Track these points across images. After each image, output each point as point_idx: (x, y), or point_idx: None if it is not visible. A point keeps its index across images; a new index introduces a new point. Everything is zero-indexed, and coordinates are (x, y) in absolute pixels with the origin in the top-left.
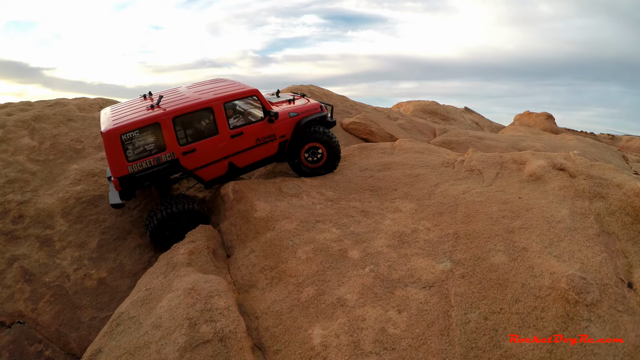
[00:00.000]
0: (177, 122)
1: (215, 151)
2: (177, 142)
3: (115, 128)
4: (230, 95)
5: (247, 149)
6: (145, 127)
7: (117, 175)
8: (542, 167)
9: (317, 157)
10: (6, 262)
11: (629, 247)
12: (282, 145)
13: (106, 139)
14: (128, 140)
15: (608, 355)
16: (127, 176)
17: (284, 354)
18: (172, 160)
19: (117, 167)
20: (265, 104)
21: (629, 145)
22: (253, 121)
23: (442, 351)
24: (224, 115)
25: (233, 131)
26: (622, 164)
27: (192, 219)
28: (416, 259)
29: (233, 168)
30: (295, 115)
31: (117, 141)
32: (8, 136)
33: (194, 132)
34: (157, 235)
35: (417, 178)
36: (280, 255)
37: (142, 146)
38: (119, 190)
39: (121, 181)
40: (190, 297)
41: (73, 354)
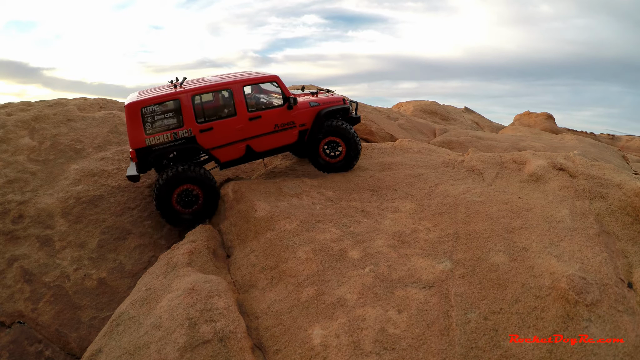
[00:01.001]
0: (196, 100)
1: (232, 132)
2: (195, 119)
3: (136, 101)
4: (250, 79)
5: (265, 133)
6: (165, 102)
7: (135, 147)
8: (542, 167)
9: (337, 152)
10: (6, 262)
11: (629, 247)
12: (302, 134)
13: (127, 111)
14: (148, 114)
15: (608, 355)
16: (144, 148)
17: (284, 354)
18: (188, 137)
19: (135, 139)
20: (285, 90)
21: (629, 145)
22: (271, 106)
23: (442, 351)
24: (242, 97)
25: (251, 114)
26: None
27: (199, 187)
28: (416, 259)
29: (250, 152)
30: (316, 105)
31: (138, 114)
32: (8, 136)
33: (213, 112)
34: (163, 204)
35: (417, 178)
36: (280, 255)
37: (161, 120)
38: (136, 162)
39: (138, 153)
40: (190, 297)
41: (73, 354)
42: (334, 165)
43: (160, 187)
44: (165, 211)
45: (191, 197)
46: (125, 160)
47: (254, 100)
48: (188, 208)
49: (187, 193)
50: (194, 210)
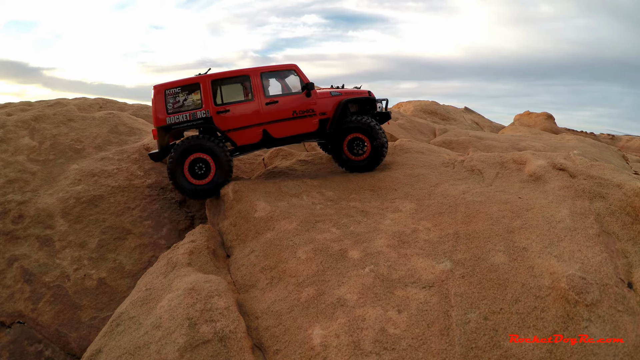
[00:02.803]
0: (215, 84)
1: (249, 116)
2: (213, 102)
3: (162, 84)
4: (268, 67)
5: (283, 119)
6: (186, 85)
7: (156, 125)
8: (542, 167)
9: (362, 150)
10: (6, 262)
11: (629, 247)
12: (322, 123)
13: (154, 92)
14: (171, 95)
15: (608, 355)
16: (165, 127)
17: (284, 354)
18: (206, 117)
19: (158, 118)
20: (303, 77)
21: (629, 145)
22: (289, 93)
23: (442, 351)
24: (260, 84)
25: (268, 99)
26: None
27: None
28: (416, 259)
29: (267, 137)
30: (338, 95)
31: (162, 95)
32: (8, 136)
33: (231, 96)
34: (175, 175)
35: (417, 178)
36: (280, 255)
37: (182, 102)
38: (157, 140)
39: (159, 130)
40: (190, 297)
41: (73, 354)
42: (356, 164)
43: (173, 156)
44: (178, 182)
45: (203, 168)
46: (125, 160)
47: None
48: (200, 179)
49: (199, 163)
50: (206, 182)
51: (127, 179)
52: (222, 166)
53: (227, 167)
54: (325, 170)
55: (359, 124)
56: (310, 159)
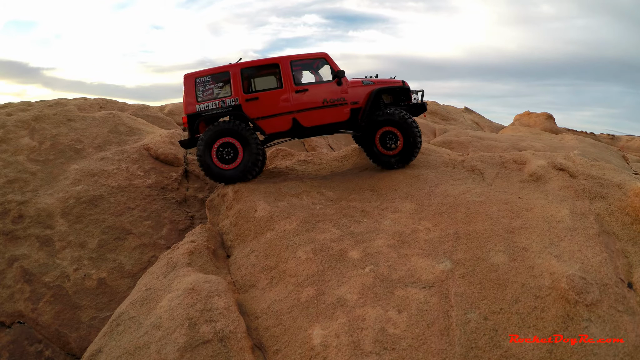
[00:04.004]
0: (244, 73)
1: (278, 104)
2: (242, 90)
3: (192, 72)
4: (298, 55)
5: (313, 108)
6: (216, 74)
7: (187, 112)
8: (542, 167)
9: (395, 143)
10: (6, 262)
11: (629, 247)
12: (354, 113)
13: (184, 80)
14: (201, 83)
15: (608, 355)
16: (194, 114)
17: (284, 354)
18: (235, 105)
19: (188, 106)
20: (334, 65)
21: (629, 145)
22: (319, 81)
23: (442, 351)
24: (289, 72)
25: (298, 87)
26: (622, 164)
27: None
28: (416, 259)
29: (297, 125)
30: (370, 84)
31: (192, 83)
32: (8, 136)
33: (260, 84)
34: (204, 159)
35: (417, 178)
36: (280, 255)
37: (211, 90)
38: (187, 127)
39: (189, 118)
40: (190, 297)
41: (73, 354)
42: (388, 159)
43: (201, 140)
44: (207, 167)
45: (231, 152)
46: (125, 160)
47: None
48: (227, 164)
49: (227, 148)
50: (233, 167)
51: (127, 179)
52: (250, 151)
53: (255, 153)
54: (325, 170)
55: (392, 117)
56: (310, 159)
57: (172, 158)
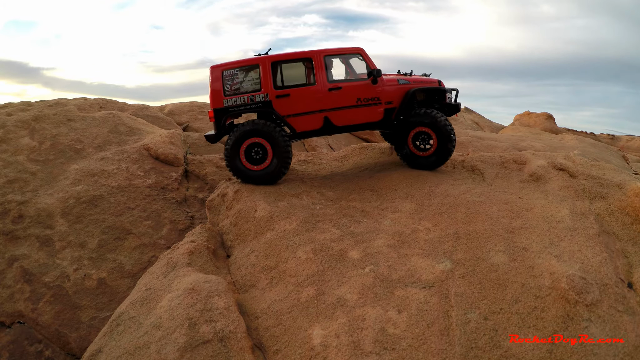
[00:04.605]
0: (275, 66)
1: (310, 101)
2: (273, 85)
3: (219, 64)
4: (332, 50)
5: (346, 106)
6: (245, 67)
7: (214, 107)
8: (542, 167)
9: (428, 145)
10: (6, 262)
11: (629, 247)
12: (388, 113)
13: (211, 73)
14: (229, 76)
15: (608, 355)
16: (222, 109)
17: (284, 354)
18: (264, 101)
19: (215, 100)
20: (370, 62)
21: (629, 145)
22: (354, 79)
23: (442, 351)
24: (323, 67)
25: (331, 84)
26: (622, 164)
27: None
28: (416, 259)
29: (329, 124)
30: (405, 83)
31: (219, 76)
32: (8, 136)
33: (292, 79)
34: (232, 159)
35: (417, 178)
36: (280, 255)
37: (240, 84)
38: (213, 122)
39: (215, 112)
40: (190, 297)
41: (73, 354)
42: (422, 160)
43: (230, 140)
44: (235, 166)
45: (260, 153)
46: (125, 160)
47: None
48: (256, 164)
49: (255, 148)
50: (262, 167)
51: (127, 179)
52: (280, 152)
53: (284, 154)
54: (325, 170)
55: (427, 118)
56: (310, 159)
57: (172, 158)
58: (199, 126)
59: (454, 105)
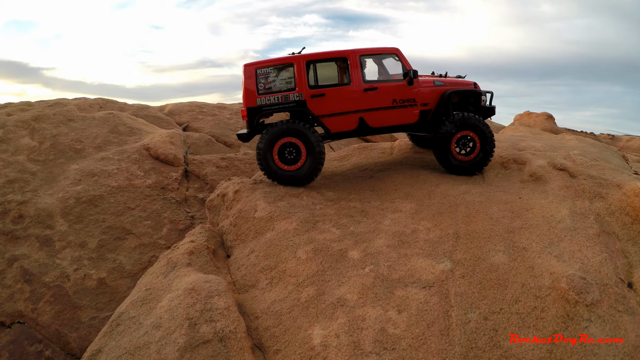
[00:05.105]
0: (310, 65)
1: (345, 102)
2: (307, 84)
3: (253, 62)
4: (368, 49)
5: (382, 108)
6: (279, 65)
7: (247, 105)
8: (542, 167)
9: (467, 149)
10: (6, 262)
11: (629, 247)
12: (423, 115)
13: (244, 71)
14: (262, 75)
15: (608, 355)
16: (255, 108)
17: (284, 354)
18: (299, 100)
19: (248, 99)
20: (406, 63)
21: (629, 145)
22: (389, 79)
23: (442, 351)
24: (358, 67)
25: (367, 85)
26: (622, 164)
27: (301, 140)
28: (416, 259)
29: (364, 125)
30: (441, 85)
31: (253, 74)
32: (8, 136)
33: (326, 79)
34: (265, 159)
35: (417, 178)
36: (280, 255)
37: (273, 82)
38: (246, 120)
39: (249, 111)
40: (190, 297)
41: (73, 354)
42: (463, 164)
43: (263, 139)
44: (267, 166)
45: (293, 153)
46: (125, 160)
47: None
48: (289, 165)
49: (289, 148)
50: (296, 168)
51: (127, 179)
52: (313, 153)
53: (318, 154)
54: (325, 170)
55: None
56: None
57: (172, 158)
58: (199, 126)
59: (489, 108)
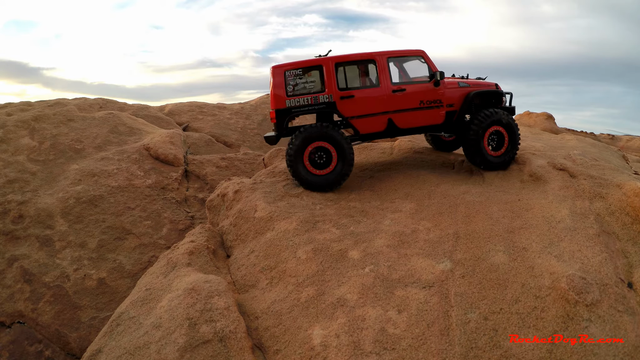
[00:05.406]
0: (339, 67)
1: (374, 103)
2: (337, 86)
3: (281, 64)
4: (395, 52)
5: (410, 109)
6: (308, 67)
7: (275, 107)
8: (542, 167)
9: (500, 144)
10: (6, 262)
11: (629, 247)
12: (449, 116)
13: (272, 72)
14: (291, 76)
15: (608, 355)
16: (284, 110)
17: (284, 354)
18: (329, 102)
19: (277, 101)
20: (432, 65)
21: (629, 145)
22: (417, 81)
23: (442, 351)
24: (386, 69)
25: (395, 86)
26: (622, 164)
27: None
28: (416, 259)
29: (392, 126)
30: (466, 86)
31: (281, 76)
32: (8, 136)
33: (355, 80)
34: (295, 164)
35: (417, 178)
36: (280, 255)
37: (303, 84)
38: (274, 123)
39: (277, 113)
40: (190, 297)
41: (73, 354)
42: (495, 159)
43: (293, 142)
44: (297, 171)
45: (323, 157)
46: (125, 160)
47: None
48: (319, 169)
49: (319, 152)
50: (327, 172)
51: (127, 179)
52: (344, 156)
53: (349, 159)
54: None
55: (500, 117)
56: None
57: (172, 158)
58: (199, 126)
59: (509, 109)
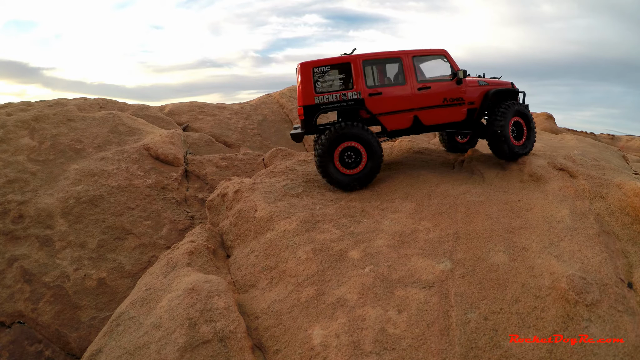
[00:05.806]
0: (366, 65)
1: (401, 100)
2: (365, 83)
3: (309, 61)
4: (419, 51)
5: (434, 106)
6: (336, 65)
7: (304, 103)
8: (542, 167)
9: (520, 134)
10: (6, 262)
11: (629, 247)
12: (470, 113)
13: (301, 69)
14: (319, 73)
15: (608, 355)
16: (313, 106)
17: (284, 354)
18: (357, 99)
19: (305, 97)
20: (454, 64)
21: (629, 145)
22: (440, 79)
23: (442, 351)
24: (412, 67)
25: (420, 84)
26: (622, 164)
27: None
28: (416, 259)
29: (418, 123)
30: (485, 85)
31: (309, 73)
32: (8, 136)
33: (382, 78)
34: (325, 164)
35: (417, 178)
36: (280, 255)
37: (331, 81)
38: (302, 119)
39: (305, 109)
40: (190, 297)
41: (73, 354)
42: (518, 149)
43: (323, 142)
44: (327, 171)
45: (352, 156)
46: (125, 160)
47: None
48: (349, 168)
49: (350, 152)
50: (357, 171)
51: (127, 179)
52: (374, 155)
53: (379, 158)
54: None
55: (520, 108)
56: (310, 159)
57: (172, 158)
58: (199, 126)
59: (524, 106)
